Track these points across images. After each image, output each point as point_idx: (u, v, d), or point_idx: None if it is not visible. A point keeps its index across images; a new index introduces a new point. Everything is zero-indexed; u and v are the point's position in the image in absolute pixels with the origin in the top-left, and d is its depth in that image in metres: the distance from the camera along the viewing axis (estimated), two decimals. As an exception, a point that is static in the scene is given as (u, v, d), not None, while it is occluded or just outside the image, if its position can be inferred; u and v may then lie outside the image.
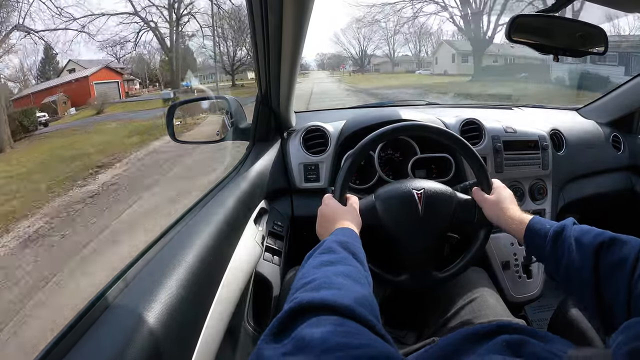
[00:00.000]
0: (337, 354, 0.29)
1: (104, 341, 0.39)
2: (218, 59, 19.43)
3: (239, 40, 19.34)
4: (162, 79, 18.16)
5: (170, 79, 17.56)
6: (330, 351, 0.29)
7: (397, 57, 25.56)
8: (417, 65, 24.10)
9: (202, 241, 0.59)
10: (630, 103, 1.30)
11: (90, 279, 2.78)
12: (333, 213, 0.65)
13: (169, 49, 17.40)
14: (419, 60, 24.51)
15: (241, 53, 19.68)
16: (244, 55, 19.64)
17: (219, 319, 0.56)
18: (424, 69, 23.29)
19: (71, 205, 5.24)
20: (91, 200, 5.31)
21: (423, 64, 24.08)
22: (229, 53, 19.86)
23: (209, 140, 1.12)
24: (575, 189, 1.20)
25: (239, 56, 19.85)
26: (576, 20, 0.66)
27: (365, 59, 27.13)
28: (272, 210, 0.94)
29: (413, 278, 0.71)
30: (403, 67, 24.97)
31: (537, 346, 0.38)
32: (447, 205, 0.71)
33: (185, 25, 17.48)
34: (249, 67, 19.78)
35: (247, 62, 19.67)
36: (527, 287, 0.99)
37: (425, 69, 23.37)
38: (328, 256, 0.48)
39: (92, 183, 6.13)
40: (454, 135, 0.74)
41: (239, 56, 19.84)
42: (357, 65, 27.86)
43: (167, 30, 17.00)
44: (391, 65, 25.63)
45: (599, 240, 0.50)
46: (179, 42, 17.64)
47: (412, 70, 24.05)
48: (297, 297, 0.37)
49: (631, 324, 0.34)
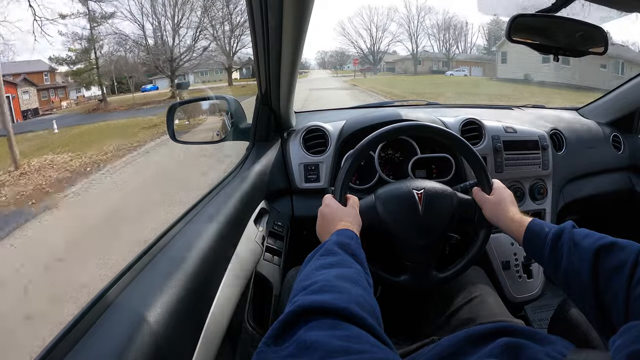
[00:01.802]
0: (338, 359, 0.29)
1: (105, 341, 0.39)
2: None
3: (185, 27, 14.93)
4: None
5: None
6: (331, 356, 0.29)
7: (421, 54, 20.20)
8: (445, 65, 19.63)
9: (202, 241, 0.59)
10: (630, 103, 1.30)
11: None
12: (333, 213, 0.65)
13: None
14: (448, 58, 19.84)
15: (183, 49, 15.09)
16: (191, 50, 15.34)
17: (219, 318, 0.56)
18: (456, 70, 19.11)
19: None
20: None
21: (450, 63, 19.66)
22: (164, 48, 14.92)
23: (209, 141, 1.12)
24: (575, 189, 1.20)
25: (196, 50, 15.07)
26: (576, 20, 0.66)
27: (377, 55, 21.34)
28: (273, 211, 0.94)
29: (413, 278, 0.71)
30: (425, 66, 20.18)
31: (537, 349, 0.38)
32: (448, 206, 0.71)
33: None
34: (203, 68, 16.79)
35: (192, 61, 15.67)
36: (528, 287, 0.99)
37: (457, 69, 19.14)
38: (328, 259, 0.48)
39: None
40: (454, 135, 0.74)
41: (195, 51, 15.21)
42: (366, 62, 22.11)
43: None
44: (412, 64, 20.33)
45: (599, 244, 0.50)
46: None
47: (438, 70, 19.36)
48: (298, 300, 0.37)
49: (629, 327, 0.34)
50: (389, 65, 21.97)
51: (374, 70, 21.83)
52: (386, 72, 21.34)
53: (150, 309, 0.43)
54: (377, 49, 21.52)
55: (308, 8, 0.57)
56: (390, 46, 20.92)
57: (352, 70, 22.67)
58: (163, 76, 16.01)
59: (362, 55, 22.22)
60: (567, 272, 0.52)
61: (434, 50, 20.01)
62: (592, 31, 0.67)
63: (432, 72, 19.68)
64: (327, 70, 27.24)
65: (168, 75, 15.57)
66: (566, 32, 0.66)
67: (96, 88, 15.12)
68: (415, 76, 18.99)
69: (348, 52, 24.39)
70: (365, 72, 21.95)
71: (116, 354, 0.37)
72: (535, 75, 13.07)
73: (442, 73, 19.70)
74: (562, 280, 0.53)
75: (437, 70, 19.58)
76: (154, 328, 0.41)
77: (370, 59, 22.16)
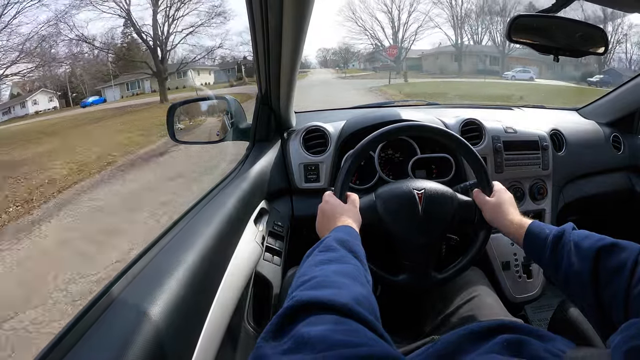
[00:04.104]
0: (336, 352, 0.28)
1: (104, 341, 0.39)
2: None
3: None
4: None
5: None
6: (330, 349, 0.29)
7: (466, 47, 13.12)
8: (493, 62, 12.63)
9: (202, 241, 0.59)
10: (630, 103, 1.30)
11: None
12: (333, 210, 0.64)
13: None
14: (503, 53, 13.03)
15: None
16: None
17: (219, 319, 0.56)
18: (518, 70, 12.71)
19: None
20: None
21: (503, 60, 13.16)
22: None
23: (209, 141, 1.12)
24: (575, 189, 1.20)
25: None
26: (576, 21, 0.66)
27: (401, 48, 13.85)
28: (273, 211, 0.94)
29: (411, 278, 0.71)
30: (467, 63, 13.61)
31: (537, 346, 0.38)
32: (448, 206, 0.71)
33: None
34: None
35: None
36: (527, 287, 0.99)
37: (520, 70, 12.72)
38: (327, 254, 0.48)
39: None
40: (455, 135, 0.74)
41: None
42: (370, 58, 15.25)
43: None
44: (450, 60, 13.51)
45: (599, 245, 0.50)
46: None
47: (484, 69, 12.74)
48: (296, 295, 0.37)
49: (629, 324, 0.34)
50: (411, 62, 15.15)
51: (396, 69, 14.64)
52: (407, 70, 14.58)
53: (150, 308, 0.43)
54: (402, 37, 14.14)
55: (308, 7, 0.57)
56: (418, 35, 13.54)
57: (360, 70, 16.49)
58: (121, 82, 12.82)
59: (377, 47, 15.41)
60: (568, 273, 0.52)
61: (477, 41, 12.50)
62: (592, 31, 0.67)
63: (477, 72, 13.20)
64: (329, 70, 21.25)
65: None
66: (566, 33, 0.66)
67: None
68: (457, 79, 12.25)
69: (353, 47, 17.62)
70: (381, 69, 15.64)
71: (116, 354, 0.37)
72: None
73: (493, 74, 13.02)
74: (562, 281, 0.53)
75: (484, 70, 13.00)
76: (154, 328, 0.41)
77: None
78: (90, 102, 14.33)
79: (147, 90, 15.79)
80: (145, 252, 0.57)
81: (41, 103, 13.94)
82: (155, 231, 0.78)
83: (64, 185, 5.74)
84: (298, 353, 0.29)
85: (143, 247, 0.59)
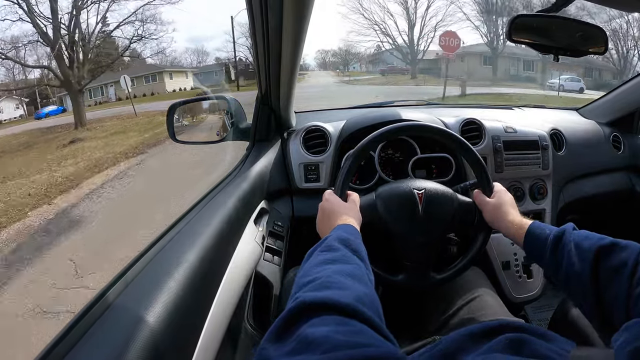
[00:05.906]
0: (341, 353, 0.28)
1: (104, 341, 0.39)
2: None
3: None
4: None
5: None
6: (334, 350, 0.29)
7: (503, 48, 10.55)
8: (527, 67, 10.41)
9: (202, 241, 0.59)
10: (630, 103, 1.30)
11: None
12: (334, 208, 0.64)
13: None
14: (545, 58, 8.25)
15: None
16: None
17: (219, 319, 0.56)
18: (567, 79, 10.20)
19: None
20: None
21: (544, 67, 10.47)
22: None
23: (209, 141, 1.12)
24: (575, 189, 1.20)
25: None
26: (576, 20, 0.66)
27: (418, 47, 11.32)
28: (273, 211, 0.94)
29: (411, 278, 0.71)
30: (497, 67, 11.10)
31: (540, 345, 0.38)
32: (448, 207, 0.71)
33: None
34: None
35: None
36: (528, 287, 0.99)
37: (569, 77, 10.27)
38: (329, 254, 0.48)
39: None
40: (455, 135, 0.74)
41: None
42: (373, 60, 12.68)
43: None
44: (479, 62, 10.96)
45: (599, 245, 0.50)
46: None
47: (517, 75, 10.56)
48: (300, 296, 0.37)
49: (632, 324, 0.34)
50: (425, 64, 12.94)
51: (412, 73, 12.56)
52: (420, 74, 12.62)
53: (150, 309, 0.43)
54: (419, 35, 11.35)
55: (308, 7, 0.57)
56: (438, 32, 10.71)
57: (362, 72, 14.57)
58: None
59: (390, 46, 12.73)
60: (568, 273, 0.52)
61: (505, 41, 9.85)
62: (593, 31, 0.67)
63: (510, 77, 10.90)
64: (329, 72, 19.02)
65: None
66: (566, 32, 0.66)
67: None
68: (499, 89, 9.74)
69: (355, 48, 15.75)
70: (391, 73, 13.40)
71: (116, 354, 0.37)
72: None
73: (530, 81, 10.51)
74: (563, 282, 0.53)
75: (516, 76, 10.59)
76: (154, 328, 0.41)
77: (403, 53, 11.87)
78: (45, 113, 11.93)
79: (111, 97, 13.27)
80: (146, 252, 0.57)
81: (5, 111, 11.68)
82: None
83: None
84: (302, 354, 0.29)
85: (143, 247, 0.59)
